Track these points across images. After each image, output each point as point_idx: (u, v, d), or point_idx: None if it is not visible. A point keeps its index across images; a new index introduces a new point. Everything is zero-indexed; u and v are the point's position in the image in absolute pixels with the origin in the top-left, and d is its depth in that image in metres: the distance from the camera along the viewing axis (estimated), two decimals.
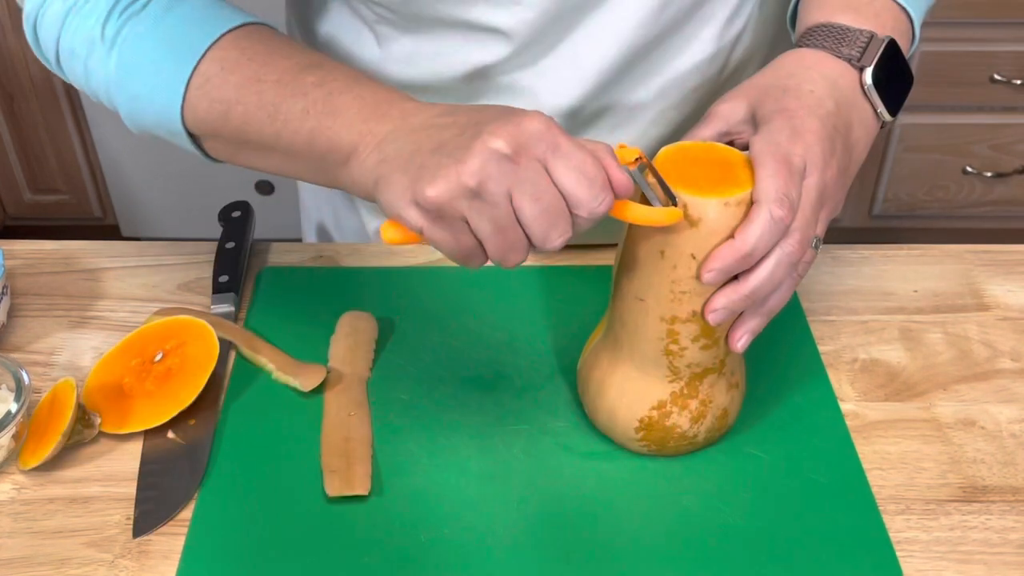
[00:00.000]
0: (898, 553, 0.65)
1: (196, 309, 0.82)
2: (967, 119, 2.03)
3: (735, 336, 0.63)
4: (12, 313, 0.83)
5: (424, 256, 0.88)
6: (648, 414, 0.67)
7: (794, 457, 0.71)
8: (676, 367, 0.65)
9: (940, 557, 0.65)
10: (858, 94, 0.63)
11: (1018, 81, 1.96)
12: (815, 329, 0.81)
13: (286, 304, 0.72)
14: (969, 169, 2.09)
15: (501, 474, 0.70)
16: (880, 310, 0.83)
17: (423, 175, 0.54)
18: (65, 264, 0.88)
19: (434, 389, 0.76)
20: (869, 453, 0.71)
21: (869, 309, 0.83)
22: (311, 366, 0.77)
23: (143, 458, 0.71)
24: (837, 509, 0.68)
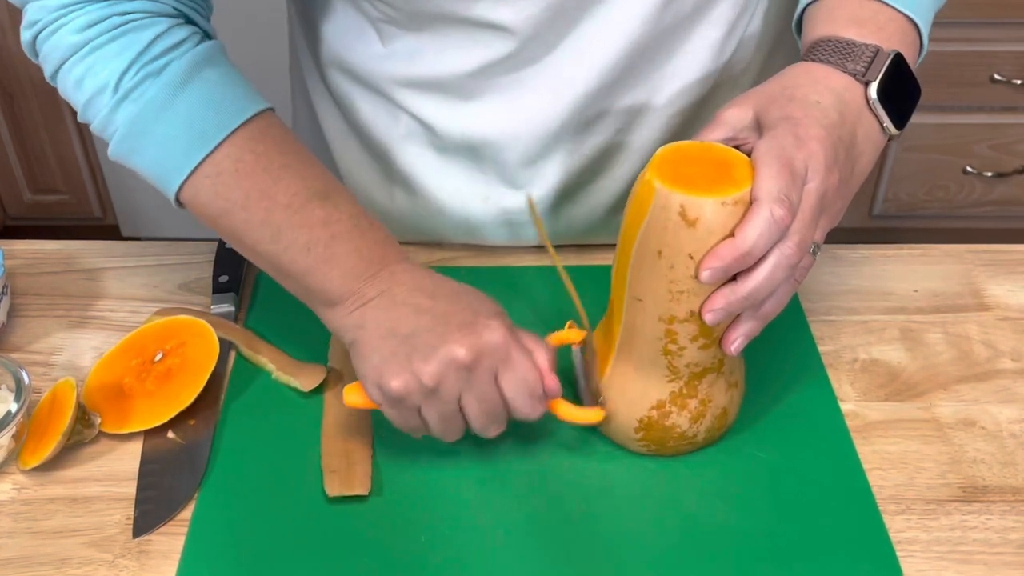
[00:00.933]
0: (898, 553, 0.65)
1: (196, 309, 0.82)
2: (967, 119, 2.03)
3: (729, 339, 0.63)
4: (12, 313, 0.83)
5: (424, 256, 0.88)
6: (647, 414, 0.67)
7: (794, 457, 0.71)
8: (675, 367, 0.65)
9: (940, 557, 0.65)
10: (864, 108, 0.63)
11: (1018, 81, 1.96)
12: (815, 329, 0.81)
13: (286, 304, 0.72)
14: (969, 169, 2.09)
15: (501, 474, 0.70)
16: (880, 310, 0.83)
17: (390, 367, 0.63)
18: (65, 264, 0.88)
19: None
20: (869, 453, 0.71)
21: (869, 309, 0.83)
22: (311, 366, 0.77)
23: (143, 458, 0.71)
24: (837, 509, 0.67)
